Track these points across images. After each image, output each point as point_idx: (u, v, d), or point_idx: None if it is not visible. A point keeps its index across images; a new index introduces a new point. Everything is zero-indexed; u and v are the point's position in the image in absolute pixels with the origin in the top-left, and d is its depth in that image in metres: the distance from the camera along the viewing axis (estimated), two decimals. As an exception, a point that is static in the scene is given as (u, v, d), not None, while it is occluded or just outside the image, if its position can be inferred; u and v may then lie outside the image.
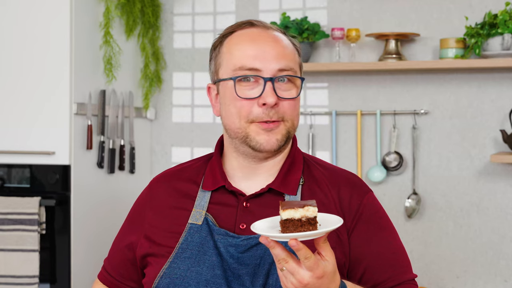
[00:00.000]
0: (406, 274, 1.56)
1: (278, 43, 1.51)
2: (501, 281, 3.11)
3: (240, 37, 1.53)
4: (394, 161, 3.21)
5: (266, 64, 1.48)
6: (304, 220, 1.29)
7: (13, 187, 2.92)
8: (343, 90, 3.29)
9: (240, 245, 1.49)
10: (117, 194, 3.17)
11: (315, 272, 1.29)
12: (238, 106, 1.49)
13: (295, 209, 1.29)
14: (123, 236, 1.67)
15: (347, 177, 1.60)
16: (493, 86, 3.12)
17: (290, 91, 1.51)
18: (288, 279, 1.31)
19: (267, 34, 1.53)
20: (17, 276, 2.80)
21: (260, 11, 3.39)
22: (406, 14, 3.21)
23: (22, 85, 2.90)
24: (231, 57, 1.51)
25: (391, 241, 1.57)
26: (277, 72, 1.49)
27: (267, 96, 1.47)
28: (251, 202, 1.53)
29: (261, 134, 1.49)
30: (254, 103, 1.48)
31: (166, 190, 1.62)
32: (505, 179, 3.10)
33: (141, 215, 1.63)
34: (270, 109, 1.48)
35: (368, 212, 1.55)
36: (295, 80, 1.52)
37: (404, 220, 3.22)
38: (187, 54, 3.50)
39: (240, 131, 1.50)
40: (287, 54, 1.51)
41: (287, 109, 1.50)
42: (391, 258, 1.55)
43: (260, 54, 1.49)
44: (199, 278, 1.48)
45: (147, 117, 3.45)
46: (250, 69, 1.48)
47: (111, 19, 3.09)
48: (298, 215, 1.29)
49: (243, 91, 1.49)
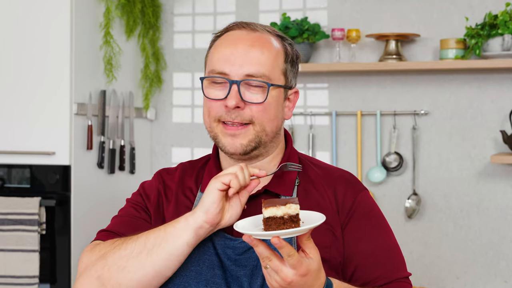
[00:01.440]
0: (398, 272, 1.55)
1: (255, 47, 1.52)
2: (501, 282, 3.11)
3: (224, 39, 1.57)
4: (394, 162, 3.21)
5: (234, 69, 1.51)
6: (286, 218, 1.30)
7: (13, 187, 2.92)
8: (343, 91, 3.29)
9: (238, 247, 1.49)
10: (117, 194, 3.17)
11: (298, 270, 1.30)
12: (208, 106, 1.56)
13: (277, 206, 1.31)
14: (133, 212, 1.62)
15: (342, 175, 1.61)
16: (493, 87, 3.12)
17: (257, 95, 1.52)
18: (272, 277, 1.32)
19: (250, 36, 1.54)
20: (17, 276, 2.80)
21: (260, 12, 3.39)
22: (406, 14, 3.21)
23: (23, 85, 2.90)
24: (211, 59, 1.57)
25: (384, 238, 1.56)
26: (245, 77, 1.51)
27: (229, 99, 1.51)
28: (247, 204, 1.53)
29: (226, 137, 1.54)
30: (221, 104, 1.53)
31: (178, 182, 1.63)
32: (505, 180, 3.10)
33: (155, 201, 1.61)
34: (233, 111, 1.51)
35: (361, 209, 1.56)
36: (265, 87, 1.52)
37: (404, 220, 3.22)
38: (187, 55, 3.50)
39: (210, 129, 1.57)
40: (262, 59, 1.52)
41: (255, 113, 1.52)
42: (383, 255, 1.54)
43: (232, 58, 1.52)
44: (198, 277, 1.49)
45: (147, 118, 3.45)
46: (219, 72, 1.53)
47: (111, 20, 3.09)
48: (280, 212, 1.30)
49: (211, 91, 1.54)
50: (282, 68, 1.56)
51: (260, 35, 1.55)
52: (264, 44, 1.54)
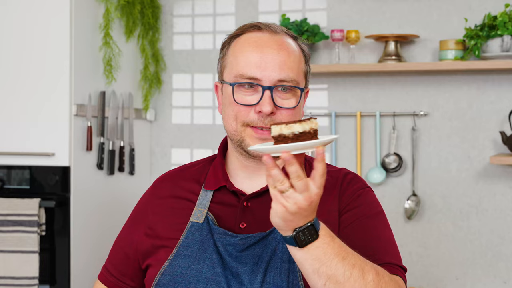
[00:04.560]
0: (392, 259, 1.50)
1: (282, 51, 1.52)
2: (500, 283, 3.11)
3: (246, 41, 1.54)
4: (394, 163, 3.22)
5: (266, 74, 1.50)
6: (294, 135, 1.26)
7: (13, 189, 2.92)
8: (342, 92, 3.29)
9: (238, 244, 1.50)
10: (116, 195, 3.18)
11: (305, 196, 1.27)
12: (235, 110, 1.52)
13: (286, 125, 1.27)
14: (125, 235, 1.68)
15: (348, 174, 1.61)
16: (493, 88, 3.12)
17: (289, 100, 1.52)
18: (278, 200, 1.28)
19: (273, 40, 1.54)
20: (16, 278, 2.80)
21: (259, 13, 3.39)
22: (405, 15, 3.21)
23: (22, 86, 2.90)
24: (235, 63, 1.53)
25: (382, 231, 1.54)
26: (277, 82, 1.50)
27: (264, 105, 1.49)
28: (251, 202, 1.54)
29: (255, 141, 1.51)
30: (251, 110, 1.51)
31: (169, 189, 1.64)
32: (505, 181, 3.11)
33: (144, 214, 1.64)
34: (266, 116, 1.50)
35: (364, 204, 1.55)
36: (297, 92, 1.53)
37: (403, 221, 3.22)
38: (186, 56, 3.50)
39: (236, 133, 1.53)
40: (290, 63, 1.52)
41: (284, 117, 1.51)
42: (375, 243, 1.51)
43: (262, 63, 1.50)
44: (199, 276, 1.49)
45: (147, 119, 3.46)
46: (250, 77, 1.50)
47: (111, 21, 3.09)
48: (287, 131, 1.26)
49: (241, 96, 1.52)
50: (304, 70, 1.57)
51: (281, 37, 1.55)
52: (288, 48, 1.54)
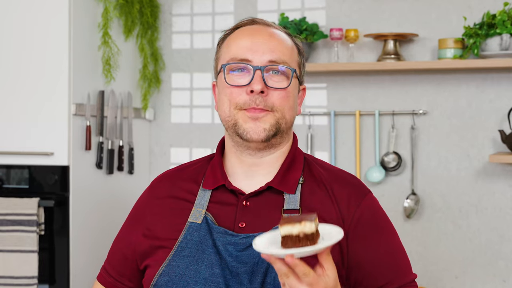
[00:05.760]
0: (405, 277, 1.55)
1: (273, 38, 1.55)
2: (500, 281, 3.11)
3: (239, 32, 1.58)
4: (393, 162, 3.21)
5: (257, 55, 1.52)
6: (301, 236, 1.28)
7: (12, 188, 2.92)
8: (341, 91, 3.29)
9: (239, 243, 1.49)
10: (116, 194, 3.17)
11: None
12: (228, 93, 1.53)
13: (292, 224, 1.28)
14: (123, 236, 1.67)
15: (347, 178, 1.60)
16: (492, 86, 3.12)
17: (281, 82, 1.53)
18: None
19: (266, 29, 1.57)
20: (16, 277, 2.80)
21: (258, 12, 3.39)
22: (404, 14, 3.21)
23: (21, 86, 2.90)
24: (228, 50, 1.56)
25: (390, 243, 1.56)
26: (268, 63, 1.53)
27: (254, 83, 1.50)
28: (250, 201, 1.54)
29: (248, 122, 1.52)
30: (243, 91, 1.52)
31: (167, 190, 1.63)
32: (504, 179, 3.11)
33: (142, 215, 1.64)
34: (257, 96, 1.51)
35: (367, 214, 1.55)
36: (288, 73, 1.54)
37: (402, 220, 3.22)
38: (185, 55, 3.50)
39: (229, 119, 1.54)
40: (281, 48, 1.55)
41: (276, 99, 1.52)
42: (390, 261, 1.54)
43: (254, 47, 1.53)
44: (197, 276, 1.48)
45: (146, 118, 3.45)
46: (242, 59, 1.53)
47: (109, 20, 3.09)
48: (296, 231, 1.28)
49: (233, 79, 1.53)
50: (297, 61, 1.59)
51: (274, 30, 1.58)
52: (279, 37, 1.57)
